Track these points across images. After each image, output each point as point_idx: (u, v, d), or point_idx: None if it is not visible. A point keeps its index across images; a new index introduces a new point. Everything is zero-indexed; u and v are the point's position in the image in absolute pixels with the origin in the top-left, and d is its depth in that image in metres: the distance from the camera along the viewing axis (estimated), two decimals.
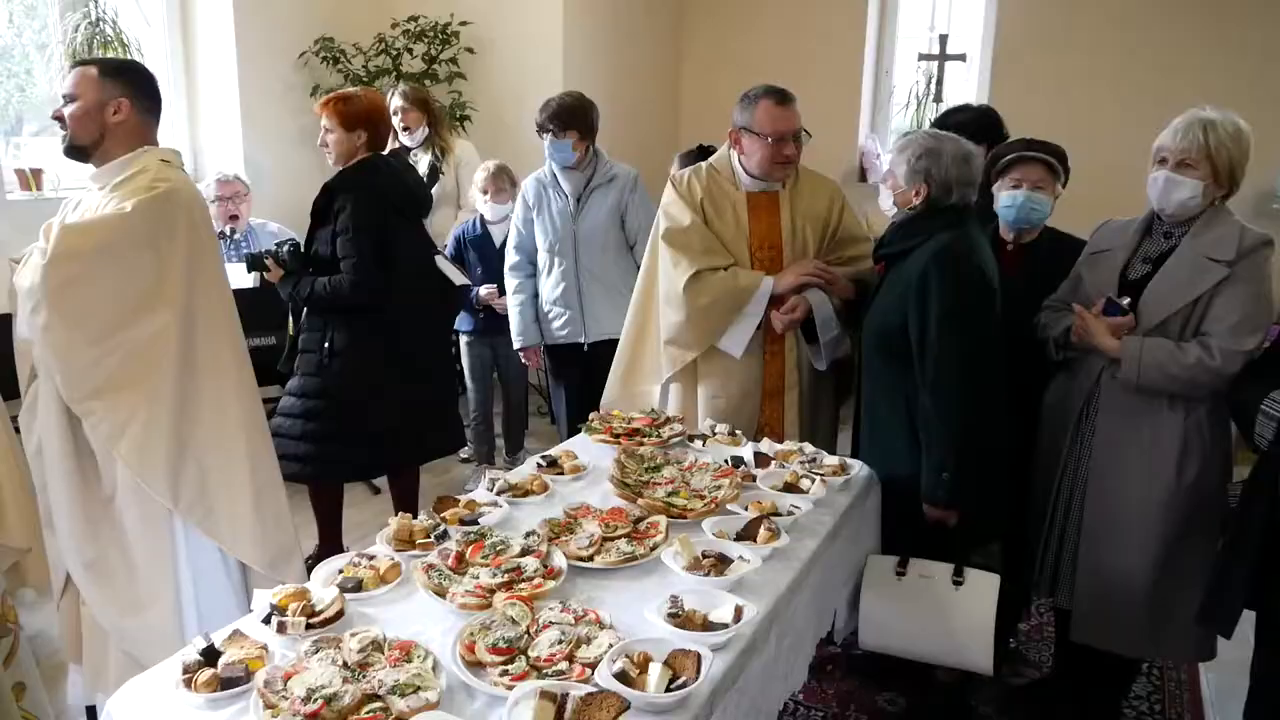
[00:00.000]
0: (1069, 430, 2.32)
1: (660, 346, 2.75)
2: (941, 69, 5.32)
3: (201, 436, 2.18)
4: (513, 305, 3.65)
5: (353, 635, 1.47)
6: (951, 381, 2.16)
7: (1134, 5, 5.06)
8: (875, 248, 2.45)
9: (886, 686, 2.71)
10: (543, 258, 3.55)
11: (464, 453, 4.37)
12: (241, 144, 4.58)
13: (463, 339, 4.13)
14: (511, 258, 3.64)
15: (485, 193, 3.88)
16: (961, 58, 5.36)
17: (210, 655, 1.44)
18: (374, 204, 2.88)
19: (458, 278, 3.24)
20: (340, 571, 1.71)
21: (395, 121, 4.01)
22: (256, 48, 4.56)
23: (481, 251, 3.98)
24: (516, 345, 3.69)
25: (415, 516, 1.90)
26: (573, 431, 3.00)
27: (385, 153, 3.06)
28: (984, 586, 2.23)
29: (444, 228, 4.10)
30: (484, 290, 3.90)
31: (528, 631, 1.51)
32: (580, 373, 3.58)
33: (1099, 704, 2.56)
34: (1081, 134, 3.73)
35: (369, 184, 2.90)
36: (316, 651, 1.45)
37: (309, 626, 1.52)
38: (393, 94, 4.08)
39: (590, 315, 3.48)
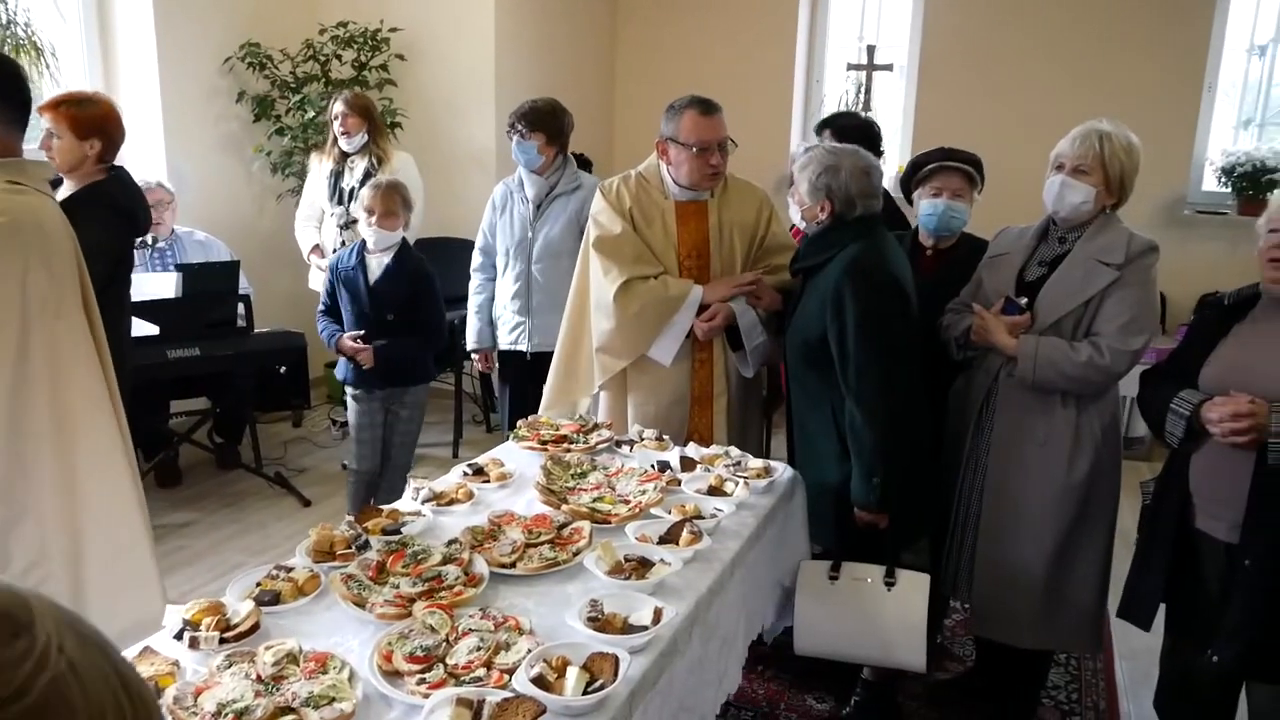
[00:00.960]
0: (970, 427, 2.40)
1: (593, 355, 2.76)
2: (869, 78, 5.44)
3: (43, 497, 1.95)
4: (472, 306, 3.65)
5: (267, 648, 1.45)
6: (873, 389, 2.21)
7: (1049, 21, 5.25)
8: (791, 262, 2.50)
9: (816, 686, 2.75)
10: (501, 260, 3.55)
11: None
12: (164, 150, 4.48)
13: (348, 391, 3.40)
14: (475, 259, 3.64)
15: (371, 214, 3.14)
16: (889, 68, 5.48)
17: None
18: (120, 226, 2.62)
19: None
20: (258, 585, 1.68)
21: (335, 126, 3.99)
22: (179, 51, 4.46)
23: (352, 289, 3.22)
24: (470, 346, 3.67)
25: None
26: None
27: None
28: (915, 586, 2.29)
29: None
30: (347, 338, 3.21)
31: (447, 639, 1.51)
32: (523, 379, 3.57)
33: (1018, 695, 2.65)
34: (999, 142, 3.87)
35: (109, 203, 2.60)
36: (229, 666, 1.43)
37: (223, 641, 1.50)
38: (336, 98, 4.05)
39: (537, 324, 3.47)
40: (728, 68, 5.80)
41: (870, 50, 5.42)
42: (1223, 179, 5.19)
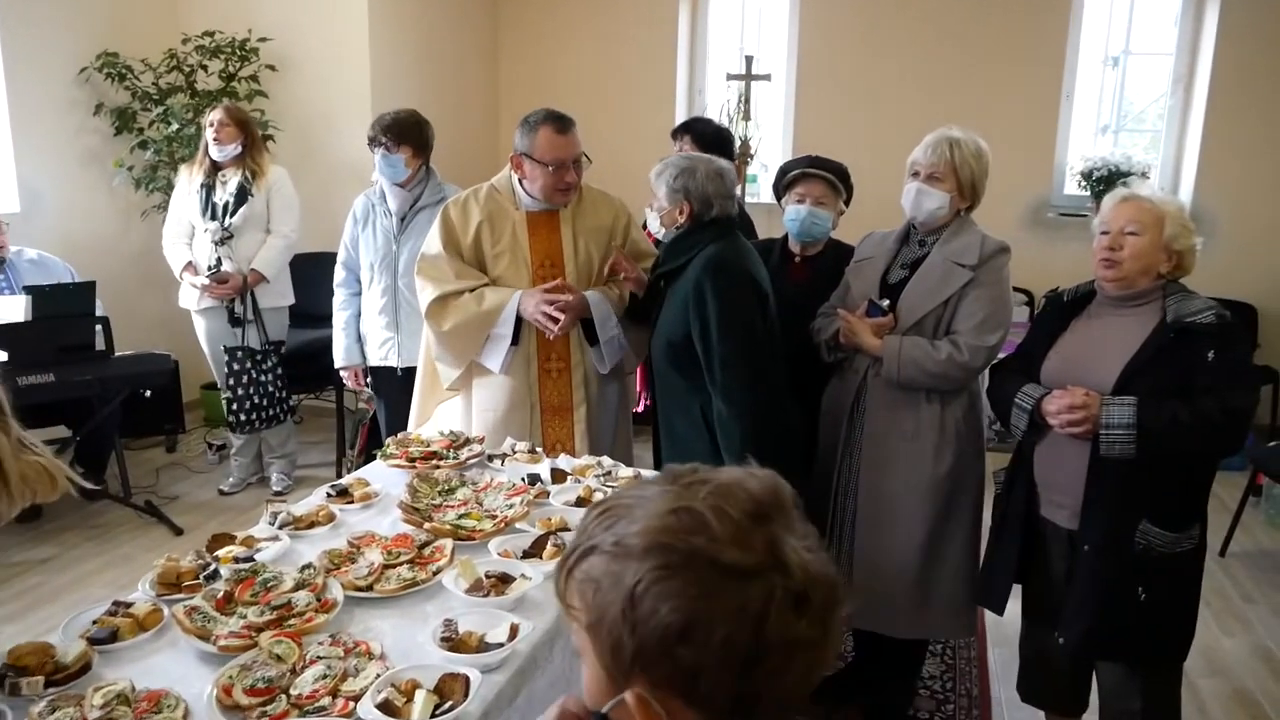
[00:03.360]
0: (843, 426, 2.46)
1: None
2: (749, 88, 5.54)
3: None
4: (337, 323, 3.57)
5: (96, 690, 1.37)
6: (739, 381, 2.25)
7: (918, 35, 5.46)
8: (652, 269, 2.53)
9: None
10: (365, 275, 3.48)
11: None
12: (14, 166, 4.22)
13: None
14: (339, 274, 3.56)
15: None
16: (767, 77, 5.59)
17: None
18: None
19: None
20: (94, 622, 1.59)
21: (208, 134, 3.86)
22: (26, 62, 4.22)
23: None
24: (338, 364, 3.59)
25: None
26: None
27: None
28: None
29: (249, 252, 3.94)
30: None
31: (292, 669, 1.45)
32: (396, 395, 3.50)
33: (896, 686, 2.72)
34: (872, 150, 3.99)
35: None
36: (53, 712, 1.35)
37: (49, 684, 1.41)
38: (214, 108, 3.93)
39: (406, 340, 3.41)
40: (612, 77, 5.84)
41: (749, 60, 5.52)
42: (1082, 183, 5.49)
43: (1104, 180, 5.30)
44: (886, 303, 2.37)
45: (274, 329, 4.07)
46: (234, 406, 3.95)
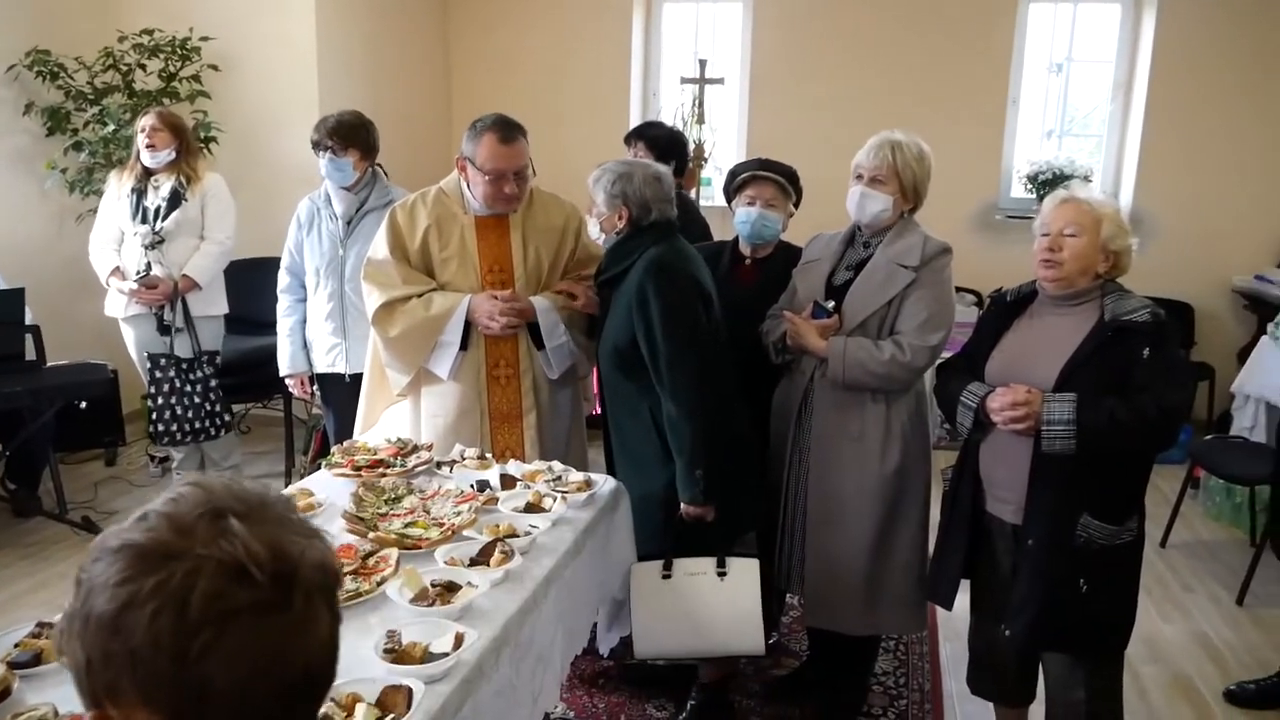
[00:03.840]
0: (791, 427, 2.47)
1: None
2: (703, 91, 5.55)
3: None
4: (281, 330, 3.48)
5: (16, 717, 1.32)
6: (686, 381, 2.25)
7: (868, 41, 5.53)
8: (595, 275, 2.51)
9: (655, 695, 2.76)
10: (310, 280, 3.41)
11: None
12: None
13: None
14: (283, 280, 3.48)
15: None
16: (721, 81, 5.61)
17: None
18: None
19: None
20: (16, 645, 1.53)
21: (140, 139, 3.74)
22: None
23: None
24: (283, 372, 3.51)
25: None
26: None
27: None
28: (746, 571, 2.35)
29: (182, 258, 3.81)
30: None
31: None
32: (347, 402, 3.44)
33: (849, 683, 2.73)
34: (824, 153, 4.00)
35: None
36: None
37: None
38: (146, 113, 3.81)
39: (354, 346, 3.34)
40: (566, 79, 5.82)
41: (702, 64, 5.53)
42: (1029, 186, 5.60)
43: (1048, 183, 5.41)
44: (831, 304, 2.39)
45: (207, 338, 3.91)
46: (153, 416, 3.81)
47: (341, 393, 3.40)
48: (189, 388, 3.83)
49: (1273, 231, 5.29)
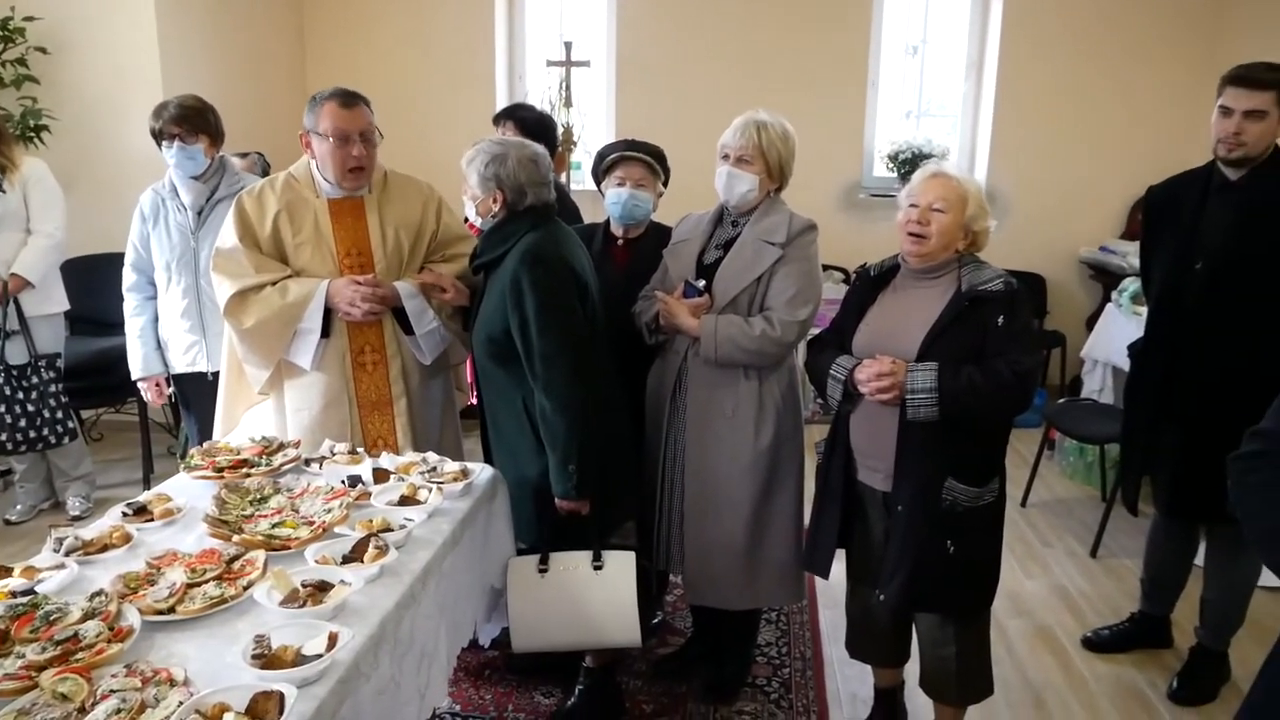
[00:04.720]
0: (666, 407, 2.48)
1: None
2: (569, 74, 5.51)
3: None
4: (131, 331, 3.26)
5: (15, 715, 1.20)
6: (560, 376, 2.21)
7: (730, 25, 5.60)
8: (471, 259, 2.46)
9: (542, 682, 2.75)
10: (160, 276, 3.20)
11: None
12: None
13: None
14: (129, 278, 3.26)
15: None
16: (587, 64, 5.58)
17: None
18: None
19: None
20: None
21: None
22: None
23: None
24: (136, 376, 3.29)
25: None
26: None
27: None
28: (622, 564, 2.33)
29: (9, 254, 3.52)
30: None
31: (81, 707, 1.31)
32: (211, 402, 3.25)
33: (734, 656, 2.79)
34: (691, 135, 4.04)
35: None
36: None
37: None
38: None
39: (214, 342, 3.17)
40: (428, 61, 5.69)
41: (568, 47, 5.50)
42: (890, 165, 5.81)
43: (908, 162, 5.64)
44: (702, 283, 2.41)
45: (47, 340, 3.64)
46: None
47: (204, 393, 3.21)
48: (21, 395, 3.54)
49: (1116, 205, 5.67)
